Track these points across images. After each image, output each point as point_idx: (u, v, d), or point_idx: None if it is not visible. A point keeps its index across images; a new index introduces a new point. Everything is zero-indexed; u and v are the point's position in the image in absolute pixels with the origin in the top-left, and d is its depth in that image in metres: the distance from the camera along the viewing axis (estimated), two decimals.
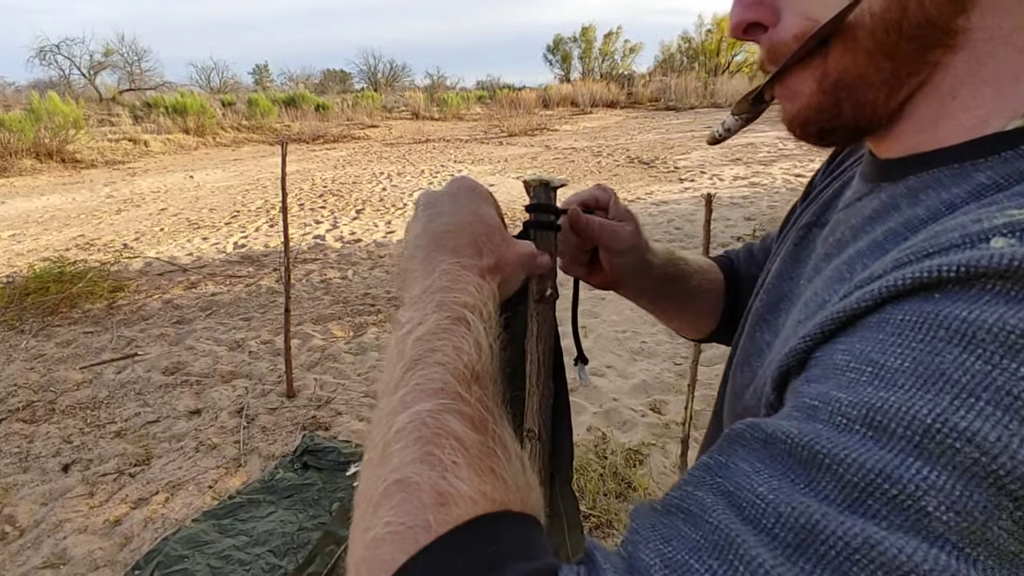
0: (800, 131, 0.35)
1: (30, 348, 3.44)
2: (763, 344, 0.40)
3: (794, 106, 0.35)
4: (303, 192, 7.82)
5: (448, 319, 0.34)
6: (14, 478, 2.32)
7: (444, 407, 0.29)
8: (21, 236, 5.98)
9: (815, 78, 0.33)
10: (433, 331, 0.34)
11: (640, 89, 25.07)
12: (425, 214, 0.43)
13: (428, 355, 0.32)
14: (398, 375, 0.32)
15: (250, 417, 2.71)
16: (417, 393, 0.30)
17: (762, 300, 0.44)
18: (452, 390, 0.30)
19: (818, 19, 0.31)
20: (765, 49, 0.35)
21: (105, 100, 22.86)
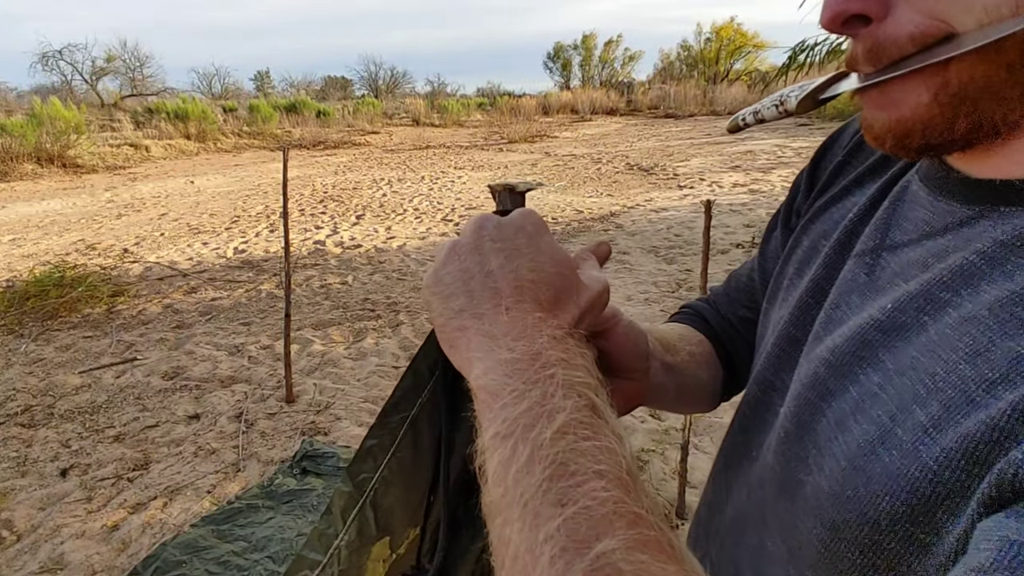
0: (893, 143, 0.30)
1: (29, 352, 3.44)
2: (874, 387, 0.30)
3: (891, 116, 0.30)
4: (304, 197, 7.84)
5: (585, 408, 0.27)
6: (12, 482, 2.31)
7: (632, 541, 0.22)
8: (22, 240, 5.99)
9: (929, 88, 0.28)
10: (572, 424, 0.26)
11: (640, 97, 25.21)
12: (498, 248, 0.34)
13: (577, 459, 0.25)
14: (539, 480, 0.24)
15: (249, 422, 2.71)
16: (589, 521, 0.23)
17: (845, 337, 0.33)
18: (629, 512, 0.24)
19: (946, 19, 0.27)
20: (865, 46, 0.29)
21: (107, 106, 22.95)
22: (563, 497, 0.24)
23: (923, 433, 0.26)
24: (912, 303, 0.30)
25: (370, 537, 0.44)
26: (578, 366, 0.30)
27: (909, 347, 0.29)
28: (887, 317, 0.31)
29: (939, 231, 0.32)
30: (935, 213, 0.33)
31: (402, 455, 0.44)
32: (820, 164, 0.48)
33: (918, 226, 0.34)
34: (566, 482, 0.24)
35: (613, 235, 5.67)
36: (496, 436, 0.27)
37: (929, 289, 0.30)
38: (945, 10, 0.26)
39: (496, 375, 0.29)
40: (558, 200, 7.41)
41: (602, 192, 7.90)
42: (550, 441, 0.25)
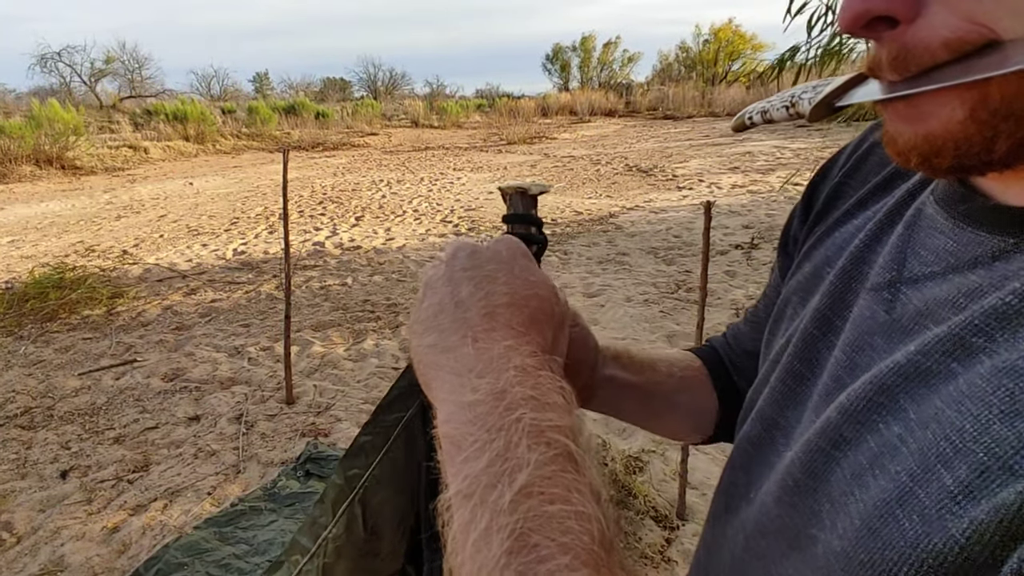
0: (919, 161, 0.27)
1: (29, 354, 3.43)
2: (894, 439, 0.27)
3: (918, 131, 0.26)
4: (303, 199, 7.84)
5: (553, 459, 0.25)
6: (12, 484, 2.31)
7: None
8: (20, 242, 5.98)
9: (966, 102, 0.24)
10: (537, 482, 0.24)
11: (638, 98, 25.25)
12: (468, 275, 0.33)
13: (541, 529, 0.23)
14: (496, 555, 0.22)
15: (249, 424, 2.70)
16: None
17: (863, 381, 0.30)
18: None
19: (990, 26, 0.23)
20: (891, 52, 0.26)
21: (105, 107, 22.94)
22: (519, 568, 0.21)
23: (950, 500, 0.22)
24: (939, 346, 0.27)
25: (358, 537, 0.43)
26: (550, 405, 0.27)
27: (934, 397, 0.26)
28: (909, 361, 0.28)
29: (967, 264, 0.28)
30: (960, 243, 0.29)
31: (394, 456, 0.44)
32: (817, 189, 0.45)
33: (940, 257, 0.30)
34: (525, 557, 0.22)
35: (612, 236, 5.68)
36: (458, 494, 0.25)
37: (960, 333, 0.26)
38: (989, 13, 0.23)
39: (457, 422, 0.27)
40: (557, 201, 7.42)
41: (601, 193, 7.90)
42: (509, 507, 0.23)
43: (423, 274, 0.35)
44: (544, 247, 0.45)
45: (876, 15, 0.25)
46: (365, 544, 0.43)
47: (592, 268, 4.77)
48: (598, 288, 4.29)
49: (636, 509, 2.04)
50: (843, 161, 0.44)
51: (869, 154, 0.42)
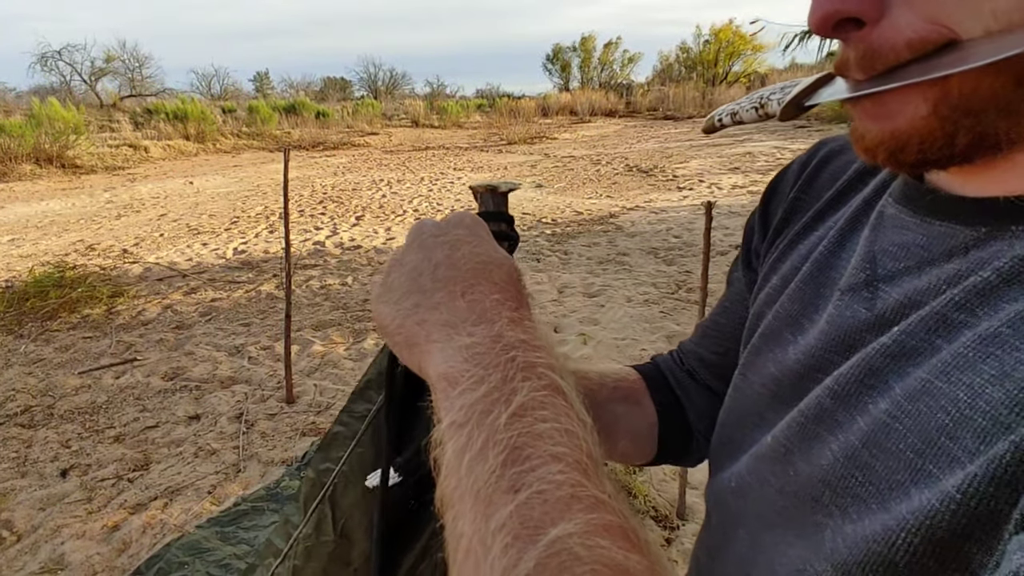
0: (886, 156, 0.28)
1: (29, 353, 3.43)
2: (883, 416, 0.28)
3: (885, 127, 0.27)
4: (303, 198, 7.84)
5: (544, 388, 0.26)
6: (12, 483, 2.31)
7: (590, 526, 0.21)
8: (21, 241, 5.98)
9: (928, 99, 0.25)
10: (530, 405, 0.25)
11: (639, 98, 25.24)
12: (440, 241, 0.34)
13: (534, 442, 0.24)
14: (493, 467, 0.23)
15: (249, 423, 2.70)
16: (544, 508, 0.22)
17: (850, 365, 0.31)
18: (587, 496, 0.22)
19: (951, 26, 0.24)
20: (858, 52, 0.27)
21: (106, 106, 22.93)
22: (516, 483, 0.22)
23: (960, 469, 0.23)
24: (923, 325, 0.28)
25: (327, 539, 0.41)
26: (539, 347, 0.29)
27: (919, 370, 0.27)
28: (894, 341, 0.29)
29: (941, 256, 0.29)
30: (930, 237, 0.30)
31: (362, 451, 0.42)
32: (770, 204, 0.47)
33: (911, 252, 0.31)
34: (520, 467, 0.23)
35: (612, 236, 5.68)
36: (452, 425, 0.26)
37: (942, 311, 0.28)
38: (949, 15, 0.24)
39: (455, 361, 0.28)
40: (557, 201, 7.42)
41: (601, 193, 7.90)
42: (505, 425, 0.24)
43: (387, 260, 0.35)
44: (516, 244, 0.45)
45: (843, 16, 0.26)
46: (336, 548, 0.41)
47: (592, 268, 4.77)
48: (598, 288, 4.29)
49: (636, 509, 2.04)
50: (794, 178, 0.45)
51: (820, 170, 0.44)
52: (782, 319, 0.39)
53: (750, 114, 0.40)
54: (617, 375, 0.53)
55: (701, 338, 0.55)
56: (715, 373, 0.51)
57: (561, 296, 4.18)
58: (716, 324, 0.53)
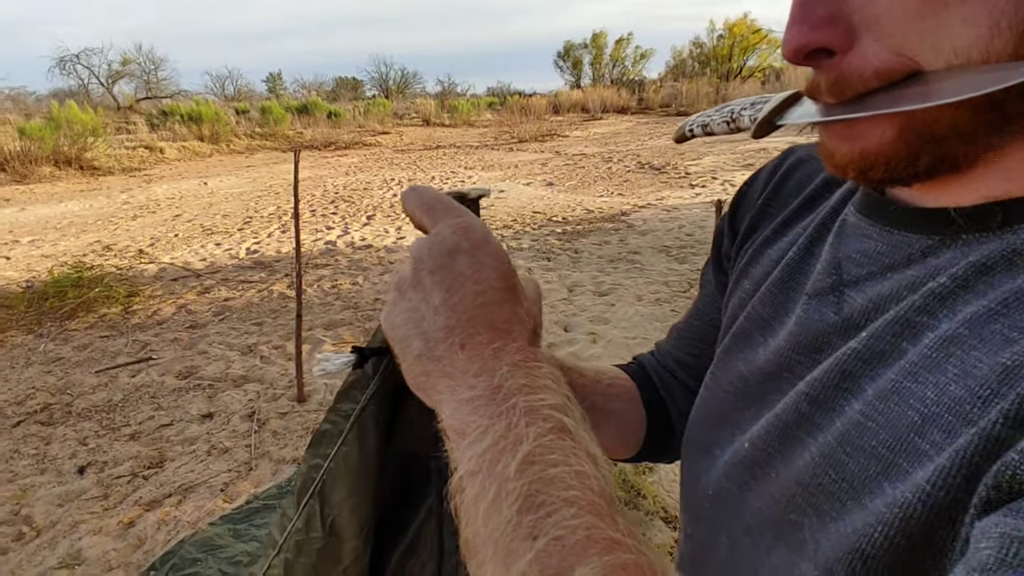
0: (856, 174, 0.30)
1: (48, 352, 3.50)
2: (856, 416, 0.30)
3: (853, 148, 0.29)
4: (315, 198, 7.90)
5: (550, 432, 0.27)
6: (32, 479, 2.36)
7: (608, 568, 0.22)
8: (40, 242, 6.10)
9: (895, 124, 0.27)
10: (538, 451, 0.26)
11: (651, 95, 25.09)
12: (437, 280, 0.32)
13: (547, 489, 0.25)
14: (508, 517, 0.24)
15: (261, 421, 2.73)
16: (561, 554, 0.23)
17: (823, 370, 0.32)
18: (603, 537, 0.23)
19: (912, 56, 0.26)
20: (829, 79, 0.29)
21: (122, 108, 23.30)
22: (533, 530, 0.23)
23: (929, 461, 0.24)
24: (889, 329, 0.30)
25: (316, 535, 0.42)
26: (541, 387, 0.29)
27: (888, 372, 0.29)
28: (864, 346, 0.31)
29: (901, 262, 0.31)
30: (890, 245, 0.32)
31: (347, 450, 0.42)
32: (739, 209, 0.49)
33: (873, 259, 0.33)
34: (535, 514, 0.24)
35: (624, 234, 5.65)
36: (467, 474, 0.27)
37: (905, 315, 0.30)
38: (913, 48, 0.26)
39: (461, 414, 0.29)
40: (568, 200, 7.40)
41: (612, 191, 7.87)
42: (515, 474, 0.25)
43: (392, 272, 0.36)
44: None
45: (814, 47, 0.28)
46: (325, 546, 0.42)
47: (603, 267, 4.75)
48: (609, 287, 4.28)
49: (646, 510, 2.03)
50: (762, 186, 0.47)
51: (787, 177, 0.46)
52: (753, 321, 0.40)
53: (721, 127, 0.40)
54: (610, 374, 0.55)
55: (676, 340, 0.56)
56: (691, 374, 0.53)
57: (571, 295, 4.16)
58: (689, 326, 0.55)
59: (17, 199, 8.69)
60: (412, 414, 0.44)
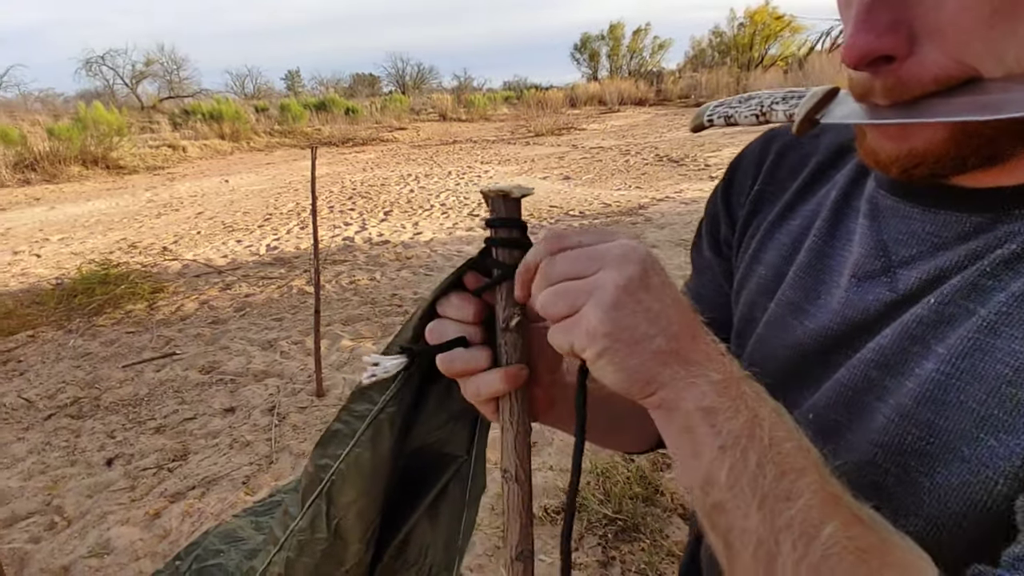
0: (899, 172, 0.31)
1: (77, 347, 3.60)
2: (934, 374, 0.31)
3: (901, 147, 0.30)
4: (333, 195, 7.97)
5: (774, 414, 0.31)
6: (62, 471, 2.43)
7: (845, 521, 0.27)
8: (69, 239, 6.27)
9: (947, 127, 0.28)
10: (775, 429, 0.30)
11: (669, 86, 24.75)
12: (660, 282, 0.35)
13: (789, 459, 0.29)
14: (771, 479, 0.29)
15: (281, 415, 2.78)
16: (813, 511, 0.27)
17: (894, 338, 0.34)
18: (832, 496, 0.28)
19: (975, 65, 0.27)
20: (887, 83, 0.29)
21: (146, 108, 23.79)
22: (790, 492, 0.28)
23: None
24: (956, 294, 0.31)
25: (321, 536, 0.41)
26: (747, 379, 0.32)
27: (960, 331, 0.30)
28: (930, 311, 0.32)
29: (953, 239, 0.33)
30: (938, 224, 0.33)
31: (360, 452, 0.42)
32: (732, 196, 0.50)
33: (922, 239, 0.34)
34: (788, 479, 0.28)
35: (641, 228, 5.59)
36: (721, 448, 0.30)
37: (973, 279, 0.31)
38: (976, 56, 0.27)
39: (712, 396, 0.31)
40: (585, 193, 7.35)
41: (630, 184, 7.79)
42: (769, 446, 0.29)
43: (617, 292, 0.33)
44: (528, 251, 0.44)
45: (879, 55, 0.29)
46: (329, 547, 0.41)
47: None
48: None
49: (663, 507, 2.02)
50: (753, 171, 0.48)
51: (779, 163, 0.47)
52: (784, 306, 0.42)
53: (748, 120, 0.38)
54: None
55: None
56: None
57: None
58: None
59: (47, 198, 8.95)
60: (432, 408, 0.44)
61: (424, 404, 0.45)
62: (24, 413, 2.90)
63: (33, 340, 3.73)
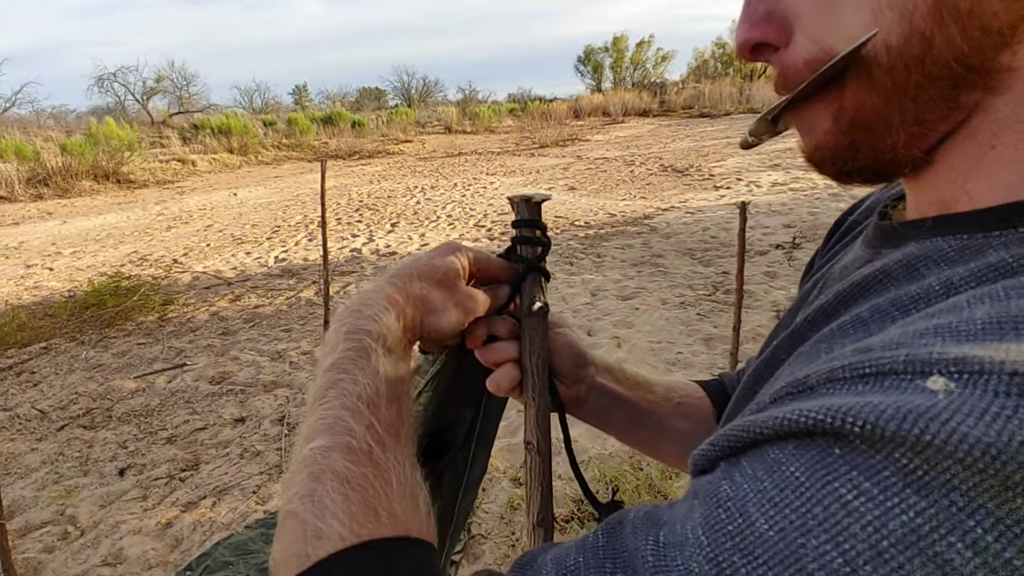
0: (818, 168, 0.32)
1: (89, 358, 3.64)
2: (777, 375, 0.36)
3: (810, 141, 0.31)
4: (340, 207, 8.05)
5: (353, 350, 0.37)
6: (76, 480, 2.45)
7: (333, 444, 0.32)
8: (81, 253, 6.35)
9: (831, 114, 0.29)
10: (339, 362, 0.37)
11: (673, 97, 24.86)
12: (416, 258, 0.46)
13: (332, 387, 0.35)
14: (311, 402, 0.36)
15: (291, 426, 2.79)
16: (316, 428, 0.33)
17: (750, 371, 0.39)
18: (343, 425, 0.33)
19: (830, 46, 0.27)
20: (775, 72, 0.31)
21: (156, 123, 24.12)
22: (314, 411, 0.35)
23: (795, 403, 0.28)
24: (786, 342, 0.35)
25: None
26: (368, 317, 0.39)
27: (766, 381, 0.34)
28: (768, 356, 0.36)
29: (843, 275, 0.35)
30: (853, 257, 0.36)
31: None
32: (840, 226, 0.52)
33: (840, 272, 0.37)
34: (319, 402, 0.35)
35: (647, 238, 5.61)
36: (318, 371, 0.38)
37: (799, 329, 0.34)
38: (828, 37, 0.28)
39: (335, 326, 0.40)
40: (590, 204, 7.38)
41: (635, 195, 7.82)
42: (323, 375, 0.37)
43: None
44: (548, 248, 0.51)
45: (754, 43, 0.30)
46: None
47: (626, 271, 4.72)
48: (633, 291, 4.25)
49: None
50: (863, 203, 0.50)
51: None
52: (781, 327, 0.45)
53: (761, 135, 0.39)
54: (683, 391, 0.57)
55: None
56: None
57: (594, 299, 4.15)
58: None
59: (59, 212, 9.07)
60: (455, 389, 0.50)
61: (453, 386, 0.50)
62: (38, 424, 2.93)
63: (46, 352, 3.78)
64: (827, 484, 0.20)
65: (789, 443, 0.22)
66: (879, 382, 0.21)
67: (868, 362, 0.21)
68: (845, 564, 0.18)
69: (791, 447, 0.21)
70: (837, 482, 0.19)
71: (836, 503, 0.19)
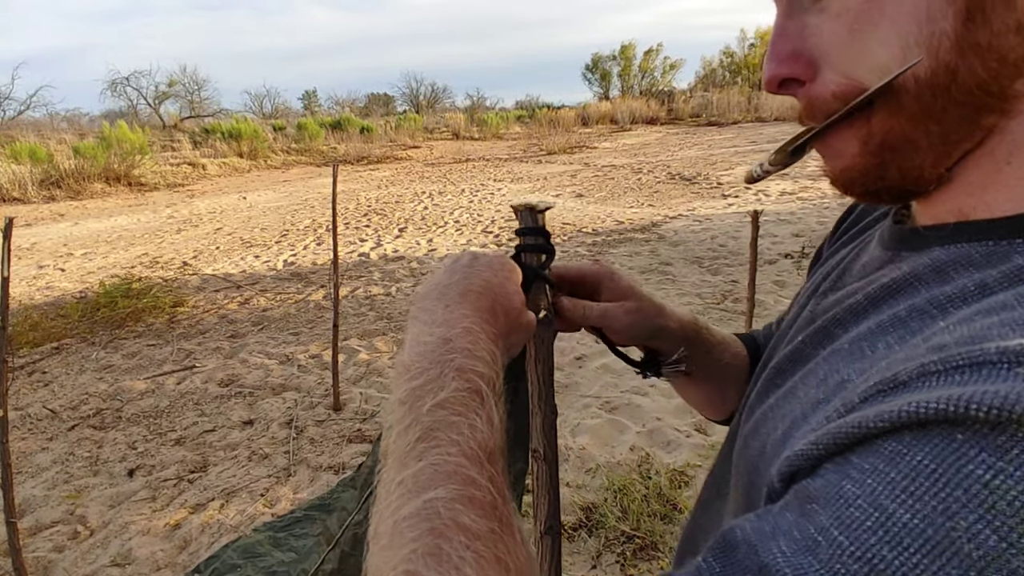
0: (844, 189, 0.34)
1: (100, 359, 3.67)
2: (768, 410, 0.36)
3: (837, 165, 0.34)
4: (348, 211, 8.09)
5: (467, 391, 0.34)
6: (85, 480, 2.47)
7: (456, 495, 0.29)
8: (92, 255, 6.42)
9: (859, 139, 0.32)
10: (451, 401, 0.33)
11: (681, 105, 24.89)
12: (460, 267, 0.44)
13: (444, 429, 0.32)
14: (411, 440, 0.32)
15: (299, 429, 2.80)
16: (431, 475, 0.30)
17: (776, 362, 0.40)
18: (465, 474, 0.30)
19: (857, 79, 0.30)
20: (802, 104, 0.33)
21: (168, 127, 24.38)
22: (421, 455, 0.31)
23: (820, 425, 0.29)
24: (814, 337, 0.36)
25: None
26: (479, 357, 0.36)
27: (807, 365, 0.35)
28: (795, 348, 0.37)
29: (864, 275, 0.37)
30: (871, 258, 0.38)
31: None
32: (843, 221, 0.54)
33: (859, 271, 0.39)
34: (427, 444, 0.31)
35: (655, 246, 5.61)
36: (397, 402, 0.35)
37: (825, 326, 0.35)
38: (855, 71, 0.30)
39: (412, 354, 0.37)
40: (598, 211, 7.39)
41: (643, 202, 7.82)
42: (428, 412, 0.33)
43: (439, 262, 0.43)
44: (552, 255, 0.52)
45: (783, 78, 0.33)
46: None
47: (634, 278, 4.71)
48: None
49: (682, 525, 2.00)
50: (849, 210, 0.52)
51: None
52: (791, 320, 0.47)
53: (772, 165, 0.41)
54: (735, 344, 0.62)
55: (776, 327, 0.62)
56: None
57: None
58: (781, 320, 0.61)
59: (71, 214, 9.18)
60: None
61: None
62: (48, 424, 2.95)
63: (58, 352, 3.81)
64: (961, 468, 0.20)
65: (905, 435, 0.22)
66: (976, 372, 0.22)
67: (958, 356, 0.23)
68: (1000, 540, 0.19)
69: (908, 438, 0.22)
70: (971, 464, 0.20)
71: (976, 484, 0.20)
